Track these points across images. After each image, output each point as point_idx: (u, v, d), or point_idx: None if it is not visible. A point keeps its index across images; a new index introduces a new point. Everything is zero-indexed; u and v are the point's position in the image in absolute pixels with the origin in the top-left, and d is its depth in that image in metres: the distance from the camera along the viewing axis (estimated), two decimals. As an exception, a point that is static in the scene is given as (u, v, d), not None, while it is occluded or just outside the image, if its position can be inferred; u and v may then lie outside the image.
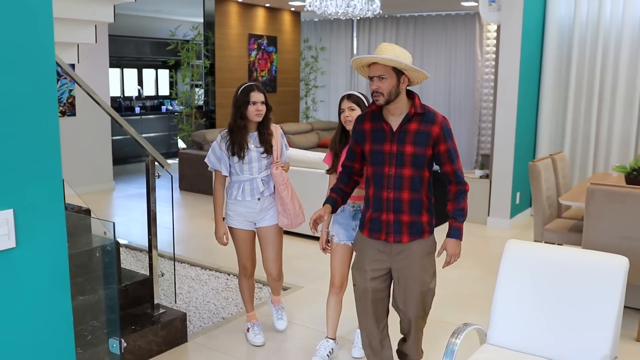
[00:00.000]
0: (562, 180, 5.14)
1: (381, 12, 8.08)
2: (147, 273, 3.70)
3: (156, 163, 3.51)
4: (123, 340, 2.73)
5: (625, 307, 3.47)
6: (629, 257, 2.53)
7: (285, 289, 4.54)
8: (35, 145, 1.98)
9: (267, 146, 3.41)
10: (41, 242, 2.01)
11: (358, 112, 3.20)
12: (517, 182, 6.48)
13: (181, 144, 10.24)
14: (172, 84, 11.91)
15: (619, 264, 2.46)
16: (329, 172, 3.38)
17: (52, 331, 2.11)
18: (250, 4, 9.45)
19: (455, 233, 2.78)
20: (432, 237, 2.85)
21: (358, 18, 9.23)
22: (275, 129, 3.51)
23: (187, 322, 3.78)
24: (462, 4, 9.10)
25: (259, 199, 3.46)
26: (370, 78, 2.70)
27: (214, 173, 3.53)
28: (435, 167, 2.82)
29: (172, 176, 3.98)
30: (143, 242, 3.99)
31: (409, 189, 2.74)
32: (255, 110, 3.34)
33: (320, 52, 11.32)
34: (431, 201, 2.84)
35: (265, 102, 3.39)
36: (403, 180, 2.73)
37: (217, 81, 9.08)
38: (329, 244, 3.37)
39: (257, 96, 3.34)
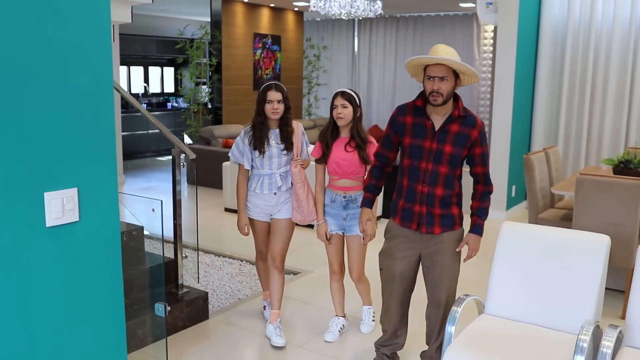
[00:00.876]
0: (554, 173, 5.45)
1: (382, 12, 8.38)
2: (170, 257, 3.99)
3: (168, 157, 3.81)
4: (167, 305, 3.05)
5: (609, 289, 3.77)
6: (614, 241, 2.85)
7: (295, 273, 4.85)
8: (95, 134, 2.28)
9: (287, 143, 3.55)
10: (99, 217, 2.31)
11: (350, 109, 3.41)
12: (513, 176, 6.78)
13: (187, 140, 10.53)
14: (179, 82, 12.20)
15: (602, 241, 2.77)
16: (319, 162, 3.54)
17: (107, 294, 2.41)
18: (256, 4, 9.75)
19: (477, 229, 2.95)
20: (462, 228, 2.98)
21: (360, 18, 9.52)
22: (297, 126, 3.63)
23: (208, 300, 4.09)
24: (461, 5, 9.41)
25: (275, 193, 3.59)
26: (429, 78, 2.75)
27: (238, 166, 3.68)
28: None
29: (195, 166, 4.28)
30: (157, 231, 4.24)
31: (442, 185, 2.86)
32: (272, 109, 3.48)
33: (322, 51, 11.62)
34: (460, 196, 2.96)
35: (284, 101, 3.51)
36: (439, 177, 2.84)
37: (223, 79, 9.38)
38: (328, 235, 3.56)
39: (273, 95, 3.49)
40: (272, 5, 9.96)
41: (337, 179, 3.51)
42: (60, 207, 2.14)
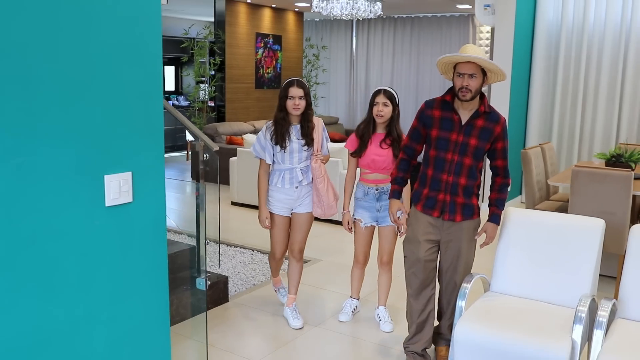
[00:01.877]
0: (550, 167, 5.74)
1: (382, 13, 8.65)
2: (190, 244, 4.24)
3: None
4: (208, 280, 3.30)
5: (601, 275, 4.05)
6: (607, 229, 3.13)
7: (306, 261, 5.11)
8: (147, 124, 2.53)
9: (307, 139, 3.63)
10: (150, 199, 2.56)
11: (390, 108, 3.55)
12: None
13: (189, 137, 10.76)
14: (180, 80, 12.42)
15: (597, 224, 3.06)
16: (353, 155, 3.71)
17: (154, 269, 2.66)
18: (258, 4, 10.00)
19: (495, 219, 3.15)
20: (479, 218, 3.17)
21: (360, 19, 9.79)
22: (317, 122, 3.69)
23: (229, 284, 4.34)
24: (457, 6, 9.69)
25: (296, 187, 3.68)
26: (459, 75, 2.94)
27: (259, 161, 3.75)
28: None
29: (218, 157, 4.53)
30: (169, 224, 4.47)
31: (466, 175, 3.04)
32: (293, 105, 3.56)
33: (321, 51, 11.88)
34: (479, 187, 3.14)
35: (305, 97, 3.58)
36: (463, 168, 3.03)
37: (227, 77, 9.62)
38: (350, 225, 3.74)
39: (295, 91, 3.56)
40: (273, 5, 10.21)
41: (369, 172, 3.66)
42: (118, 188, 2.39)
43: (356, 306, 3.98)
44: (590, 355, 2.66)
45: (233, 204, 7.35)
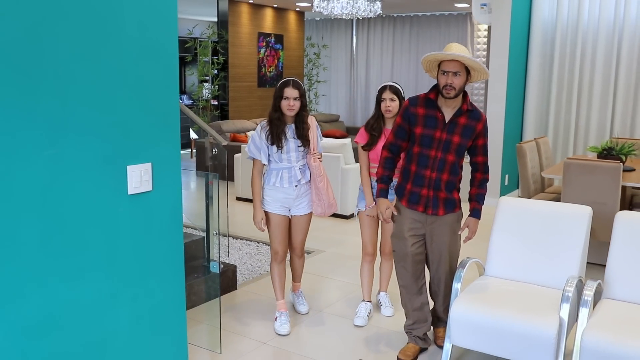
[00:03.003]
0: (545, 161, 5.94)
1: (381, 12, 8.84)
2: (200, 235, 4.44)
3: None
4: (222, 264, 3.51)
5: (591, 263, 4.24)
6: (597, 218, 3.34)
7: (309, 252, 5.31)
8: (165, 118, 2.74)
9: (303, 140, 3.59)
10: (167, 188, 2.77)
11: (397, 102, 3.63)
12: (506, 166, 7.28)
13: (193, 135, 10.96)
14: (184, 79, 12.61)
15: (585, 211, 3.27)
16: (365, 148, 3.74)
17: (171, 253, 2.86)
18: (260, 4, 10.20)
19: (476, 213, 3.28)
20: (461, 211, 3.30)
21: (361, 18, 9.98)
22: (311, 121, 3.68)
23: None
24: (456, 5, 9.89)
25: (296, 186, 3.64)
26: (443, 72, 3.00)
27: (252, 162, 3.69)
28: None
29: (226, 152, 4.74)
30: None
31: (449, 172, 3.15)
32: (287, 105, 3.50)
33: (322, 50, 12.08)
34: (460, 182, 3.27)
35: (300, 98, 3.53)
36: (446, 164, 3.13)
37: (230, 76, 9.83)
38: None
39: (290, 92, 3.51)
40: (275, 5, 10.41)
41: (377, 167, 3.64)
42: (139, 178, 2.60)
43: (370, 310, 3.95)
44: (577, 331, 2.86)
45: (237, 199, 7.56)
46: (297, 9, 11.00)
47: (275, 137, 3.55)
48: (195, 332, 3.69)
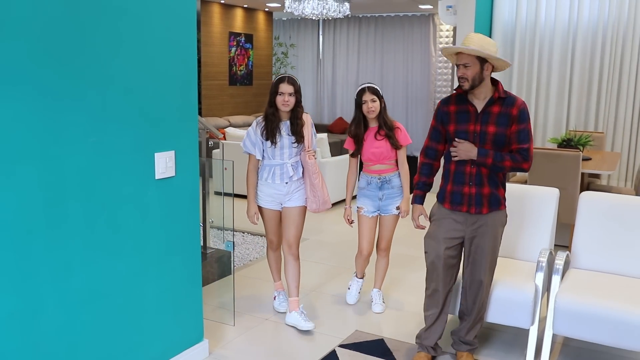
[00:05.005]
0: (509, 153, 6.37)
1: (349, 13, 9.20)
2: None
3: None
4: (216, 250, 3.77)
5: (557, 245, 4.68)
6: (560, 202, 3.72)
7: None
8: (186, 110, 3.02)
9: (297, 136, 3.61)
10: (188, 173, 3.05)
11: (378, 102, 3.68)
12: (471, 158, 7.71)
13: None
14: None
15: (553, 192, 3.67)
16: (353, 156, 3.86)
17: (190, 233, 3.14)
18: (231, 4, 10.43)
19: (482, 151, 2.95)
20: (505, 209, 3.12)
21: (330, 18, 10.32)
22: (306, 119, 3.68)
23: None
24: (419, 6, 10.33)
25: (286, 182, 3.66)
26: (457, 65, 2.94)
27: (248, 157, 3.72)
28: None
29: (222, 144, 5.00)
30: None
31: (485, 164, 2.97)
32: (282, 101, 3.53)
33: (290, 49, 12.38)
34: (505, 178, 3.12)
35: (295, 94, 3.56)
36: None
37: (202, 74, 10.03)
38: (350, 218, 3.91)
39: (285, 87, 3.53)
40: (245, 5, 10.66)
41: (372, 164, 3.80)
42: (165, 164, 2.88)
43: (361, 287, 4.15)
44: (550, 295, 3.26)
45: (216, 193, 7.80)
46: (267, 9, 11.27)
47: (270, 133, 3.58)
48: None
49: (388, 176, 3.80)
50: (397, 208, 3.83)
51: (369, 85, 3.77)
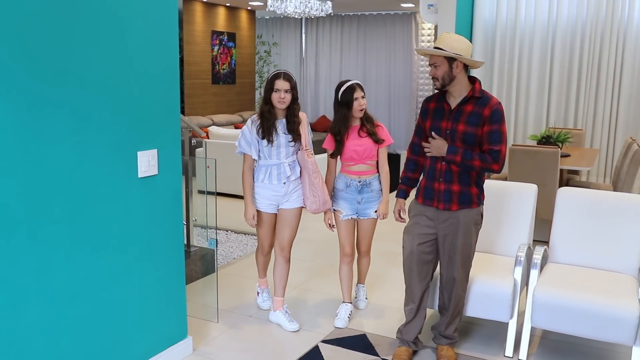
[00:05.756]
0: (490, 150, 6.45)
1: (332, 12, 9.23)
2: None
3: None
4: (200, 248, 3.79)
5: (535, 240, 4.74)
6: (540, 198, 3.79)
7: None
8: (168, 109, 3.04)
9: (294, 134, 3.50)
10: (170, 172, 3.07)
11: (366, 98, 3.61)
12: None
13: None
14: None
15: (531, 188, 3.74)
16: (333, 156, 3.68)
17: (173, 231, 3.16)
18: (213, 3, 10.41)
19: (452, 148, 2.98)
20: (479, 208, 3.12)
21: (312, 17, 10.35)
22: (302, 116, 3.58)
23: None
24: (401, 5, 10.40)
25: (284, 183, 3.54)
26: (430, 65, 3.03)
27: (243, 157, 3.58)
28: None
29: (205, 142, 5.01)
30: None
31: (455, 162, 3.00)
32: (278, 98, 3.41)
33: (273, 47, 12.39)
34: (481, 176, 3.10)
35: (291, 91, 3.45)
36: None
37: (184, 73, 10.01)
38: (330, 221, 3.74)
39: (281, 84, 3.42)
40: (227, 4, 10.65)
41: (353, 164, 3.64)
42: (147, 163, 2.89)
43: (351, 311, 3.87)
44: (528, 289, 3.33)
45: (199, 192, 7.80)
46: (249, 8, 11.27)
47: (266, 131, 3.46)
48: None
49: (368, 179, 3.66)
50: (376, 211, 3.72)
51: (357, 82, 3.66)
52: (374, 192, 3.69)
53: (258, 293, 4.04)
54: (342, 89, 3.64)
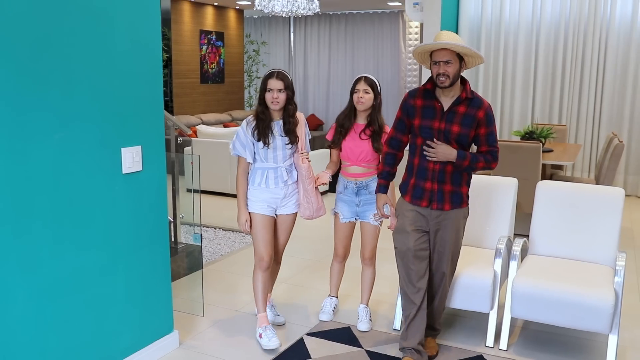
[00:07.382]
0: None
1: (319, 10, 9.29)
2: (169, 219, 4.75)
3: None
4: (187, 245, 3.82)
5: (517, 234, 4.81)
6: (522, 192, 3.85)
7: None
8: (152, 106, 3.08)
9: (291, 136, 3.35)
10: (154, 168, 3.12)
11: (371, 95, 3.42)
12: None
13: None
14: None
15: (512, 182, 3.81)
16: (331, 147, 3.59)
17: (158, 227, 3.20)
18: (201, 2, 10.44)
19: (461, 154, 2.97)
20: (468, 207, 3.16)
21: (300, 16, 10.40)
22: (299, 117, 3.43)
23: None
24: (389, 3, 10.46)
25: (282, 185, 3.42)
26: (435, 62, 2.90)
27: (237, 160, 3.42)
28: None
29: (192, 140, 5.05)
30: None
31: (452, 163, 2.99)
32: (271, 98, 3.26)
33: (261, 46, 12.43)
34: (471, 176, 3.13)
35: (285, 90, 3.28)
36: None
37: (173, 73, 10.04)
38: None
39: (273, 83, 3.26)
40: (215, 3, 10.68)
41: (349, 165, 3.53)
42: (131, 159, 2.94)
43: (336, 305, 3.86)
44: (508, 280, 3.40)
45: (188, 190, 7.84)
46: (237, 7, 11.30)
47: (262, 133, 3.31)
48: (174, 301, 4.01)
49: (365, 181, 3.52)
50: (373, 216, 3.55)
51: (367, 75, 3.53)
52: (372, 194, 3.52)
53: (260, 334, 3.43)
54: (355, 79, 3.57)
